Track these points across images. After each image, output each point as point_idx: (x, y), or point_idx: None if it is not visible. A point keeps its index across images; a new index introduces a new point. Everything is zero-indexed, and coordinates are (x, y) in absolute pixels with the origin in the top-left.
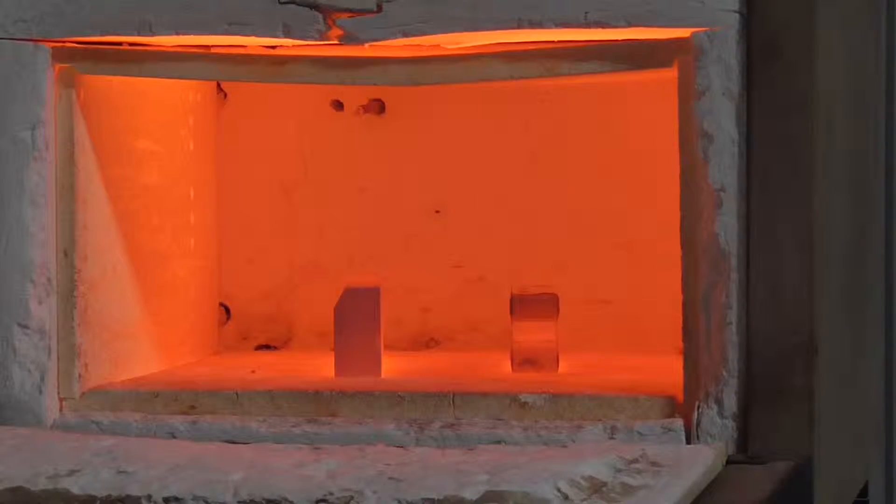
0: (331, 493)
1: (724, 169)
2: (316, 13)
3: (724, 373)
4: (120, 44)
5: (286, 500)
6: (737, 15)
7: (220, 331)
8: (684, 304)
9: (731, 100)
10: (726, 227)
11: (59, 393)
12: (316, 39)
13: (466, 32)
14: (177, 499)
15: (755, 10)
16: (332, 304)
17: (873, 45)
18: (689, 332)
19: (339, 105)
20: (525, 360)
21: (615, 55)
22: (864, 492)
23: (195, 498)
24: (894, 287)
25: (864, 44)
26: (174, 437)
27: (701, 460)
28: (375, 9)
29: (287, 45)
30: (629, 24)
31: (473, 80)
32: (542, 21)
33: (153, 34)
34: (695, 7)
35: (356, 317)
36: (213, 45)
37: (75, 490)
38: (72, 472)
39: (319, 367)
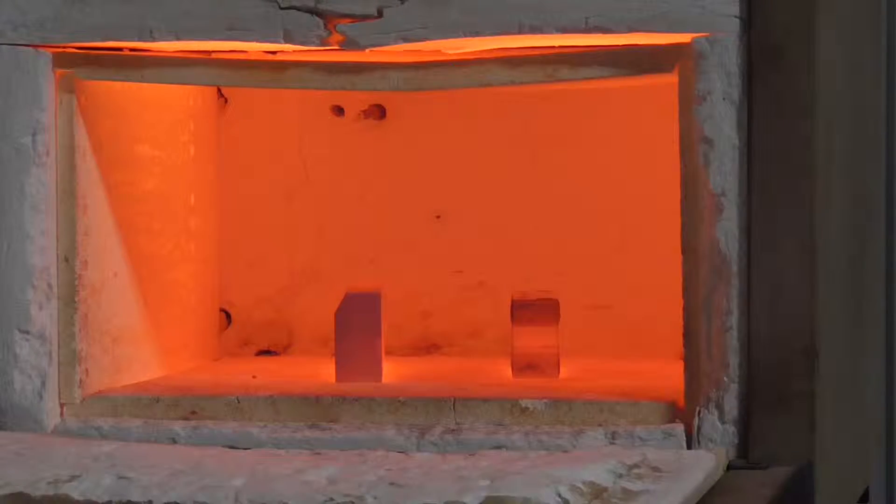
0: (331, 499)
1: (724, 174)
2: (317, 19)
3: (725, 378)
4: (121, 49)
5: None
6: (737, 20)
7: (220, 336)
8: (685, 309)
9: (731, 105)
10: (727, 232)
11: (59, 398)
12: (317, 45)
13: (467, 38)
14: None
15: (756, 15)
16: (332, 309)
17: (874, 48)
18: (689, 337)
19: (339, 110)
20: (526, 366)
21: (616, 60)
22: (865, 496)
23: (196, 503)
24: (894, 291)
25: (864, 47)
26: (175, 442)
27: (702, 465)
28: (376, 14)
29: (288, 50)
30: (630, 30)
31: (474, 85)
32: (542, 26)
33: (154, 39)
34: (695, 12)
35: (357, 322)
36: (213, 51)
37: (76, 496)
38: (73, 478)
39: (320, 373)
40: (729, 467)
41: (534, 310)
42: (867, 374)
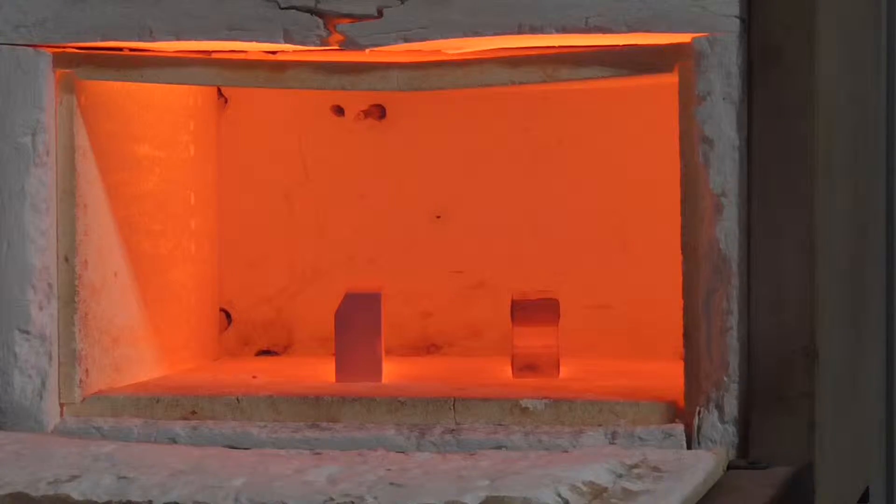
0: (331, 499)
1: (724, 174)
2: (317, 19)
3: (725, 378)
4: (120, 49)
5: None
6: (737, 20)
7: (220, 336)
8: (685, 310)
9: (731, 105)
10: (727, 232)
11: (59, 398)
12: (317, 45)
13: (467, 38)
14: None
15: (756, 14)
16: (332, 309)
17: (873, 47)
18: (689, 338)
19: (339, 110)
20: (526, 366)
21: (616, 60)
22: (864, 496)
23: (196, 503)
24: (894, 291)
25: (864, 47)
26: (175, 442)
27: (702, 466)
28: (376, 14)
29: (288, 50)
30: (630, 30)
31: (474, 85)
32: (542, 26)
33: (154, 39)
34: (695, 12)
35: (357, 322)
36: (213, 51)
37: (76, 496)
38: (73, 478)
39: (320, 373)
40: (729, 467)
41: (534, 310)
42: (867, 374)
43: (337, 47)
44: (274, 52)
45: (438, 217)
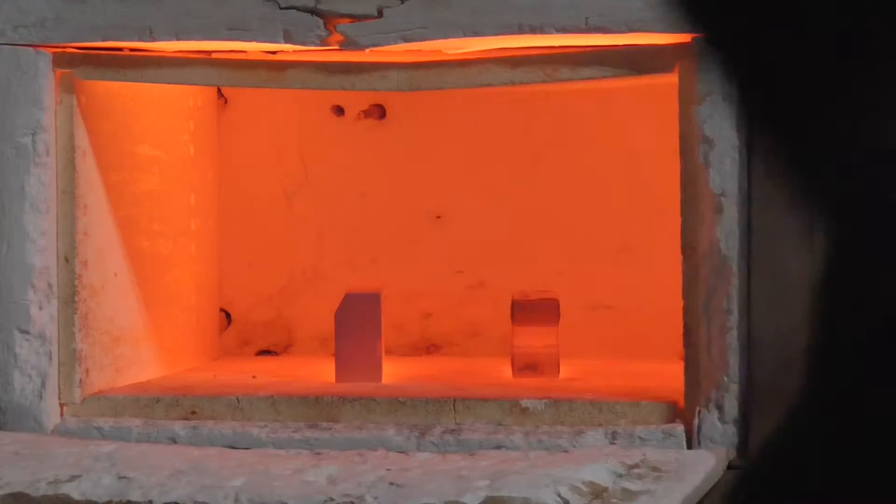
0: (331, 499)
1: (724, 174)
2: (317, 19)
3: (725, 378)
4: (121, 49)
5: None
6: None
7: (220, 336)
8: (685, 310)
9: (731, 105)
10: (727, 232)
11: (59, 398)
12: (316, 45)
13: (467, 38)
14: None
15: None
16: (332, 309)
17: None
18: (690, 338)
19: (339, 110)
20: (526, 366)
21: (616, 60)
22: None
23: (196, 503)
24: None
25: None
26: (175, 442)
27: (702, 466)
28: (376, 14)
29: (288, 50)
30: (630, 30)
31: (474, 85)
32: (543, 27)
33: (154, 40)
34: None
35: (357, 322)
36: (213, 51)
37: (76, 495)
38: (73, 478)
39: (320, 373)
40: (729, 467)
41: (534, 310)
42: None
43: (337, 47)
44: (274, 52)
45: (438, 217)
